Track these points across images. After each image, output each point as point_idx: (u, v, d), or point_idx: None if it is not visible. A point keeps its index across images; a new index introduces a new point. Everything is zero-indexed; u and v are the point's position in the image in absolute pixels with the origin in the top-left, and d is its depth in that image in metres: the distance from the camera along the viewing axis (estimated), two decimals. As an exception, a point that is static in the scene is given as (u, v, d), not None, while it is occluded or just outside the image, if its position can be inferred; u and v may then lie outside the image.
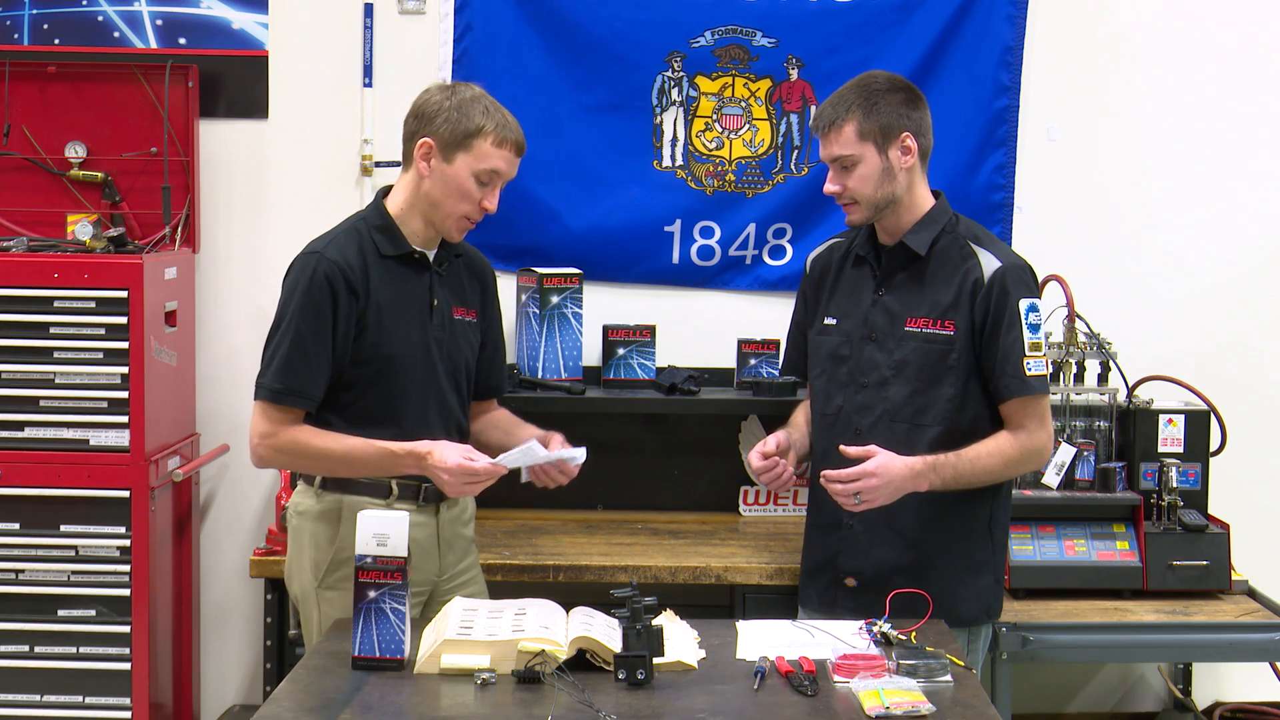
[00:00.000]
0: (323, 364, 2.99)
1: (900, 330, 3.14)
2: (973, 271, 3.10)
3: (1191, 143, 4.45)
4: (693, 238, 4.45)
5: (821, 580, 3.27)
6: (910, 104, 3.12)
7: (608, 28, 4.36)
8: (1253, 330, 4.49)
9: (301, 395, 2.99)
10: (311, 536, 3.10)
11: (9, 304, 3.94)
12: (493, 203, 3.06)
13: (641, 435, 4.39)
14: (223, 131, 4.40)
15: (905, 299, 3.15)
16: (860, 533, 3.18)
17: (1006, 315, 3.07)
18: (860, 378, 3.18)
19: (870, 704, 2.46)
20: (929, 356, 3.11)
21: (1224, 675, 4.51)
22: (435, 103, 3.04)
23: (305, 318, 2.98)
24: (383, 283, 3.03)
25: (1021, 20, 4.37)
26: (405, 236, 3.06)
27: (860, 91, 3.10)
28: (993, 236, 3.23)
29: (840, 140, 3.09)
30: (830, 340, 3.24)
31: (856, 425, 3.17)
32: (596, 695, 2.49)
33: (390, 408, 3.05)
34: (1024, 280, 3.12)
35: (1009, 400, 3.09)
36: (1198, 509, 3.82)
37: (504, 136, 3.02)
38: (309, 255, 3.03)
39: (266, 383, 3.00)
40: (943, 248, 3.13)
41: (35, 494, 3.98)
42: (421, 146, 3.03)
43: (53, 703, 4.02)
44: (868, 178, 3.09)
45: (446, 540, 3.17)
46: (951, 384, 3.11)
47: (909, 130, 3.09)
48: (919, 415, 3.12)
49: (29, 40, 4.36)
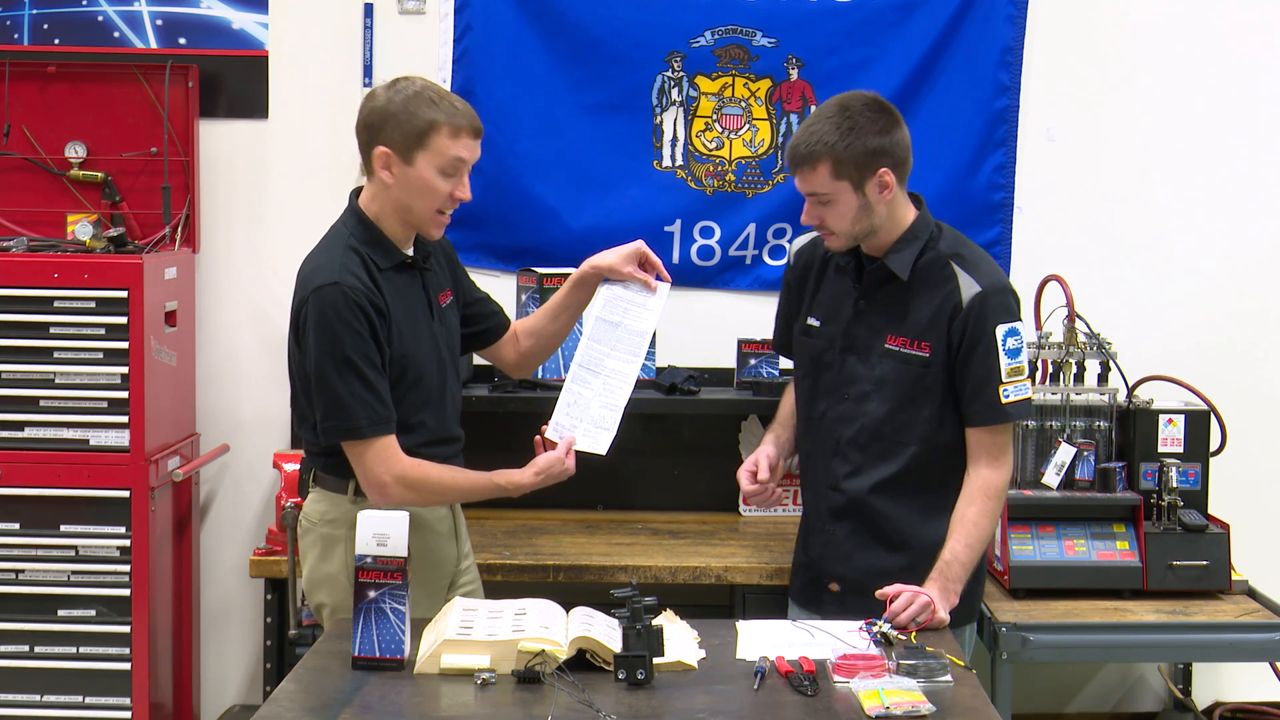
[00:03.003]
0: (384, 386, 2.94)
1: (880, 346, 3.11)
2: (952, 296, 3.04)
3: (1191, 142, 4.45)
4: (693, 238, 4.46)
5: (805, 579, 3.28)
6: (886, 130, 3.00)
7: (608, 28, 4.36)
8: (1253, 330, 4.49)
9: (384, 421, 2.94)
10: (347, 544, 3.01)
11: (9, 304, 3.95)
12: (464, 190, 3.00)
13: (641, 435, 4.39)
14: (223, 131, 4.40)
15: (886, 315, 3.11)
16: (843, 538, 3.18)
17: (982, 342, 3.02)
18: (843, 388, 3.16)
19: (870, 704, 2.46)
20: (906, 376, 3.09)
21: (1224, 675, 4.51)
22: (380, 108, 2.95)
23: (355, 349, 2.90)
24: (393, 296, 3.00)
25: (1021, 20, 4.37)
26: (393, 244, 3.05)
27: (834, 124, 2.98)
28: (975, 251, 3.13)
29: (815, 179, 3.00)
30: (814, 344, 3.22)
31: (838, 435, 3.16)
32: (596, 695, 2.49)
33: (418, 414, 3.04)
34: (1004, 305, 3.06)
35: (980, 428, 3.06)
36: (1198, 509, 3.81)
37: (458, 125, 2.94)
38: (330, 288, 2.91)
39: (345, 425, 2.92)
40: (924, 266, 3.08)
41: (35, 494, 3.98)
42: (379, 156, 2.96)
43: (53, 703, 4.02)
44: (844, 214, 3.02)
45: (459, 529, 3.23)
46: (929, 404, 3.08)
47: (885, 165, 2.99)
48: (899, 433, 3.10)
49: (29, 40, 4.36)
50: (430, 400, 3.07)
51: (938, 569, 3.01)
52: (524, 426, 3.33)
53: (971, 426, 3.07)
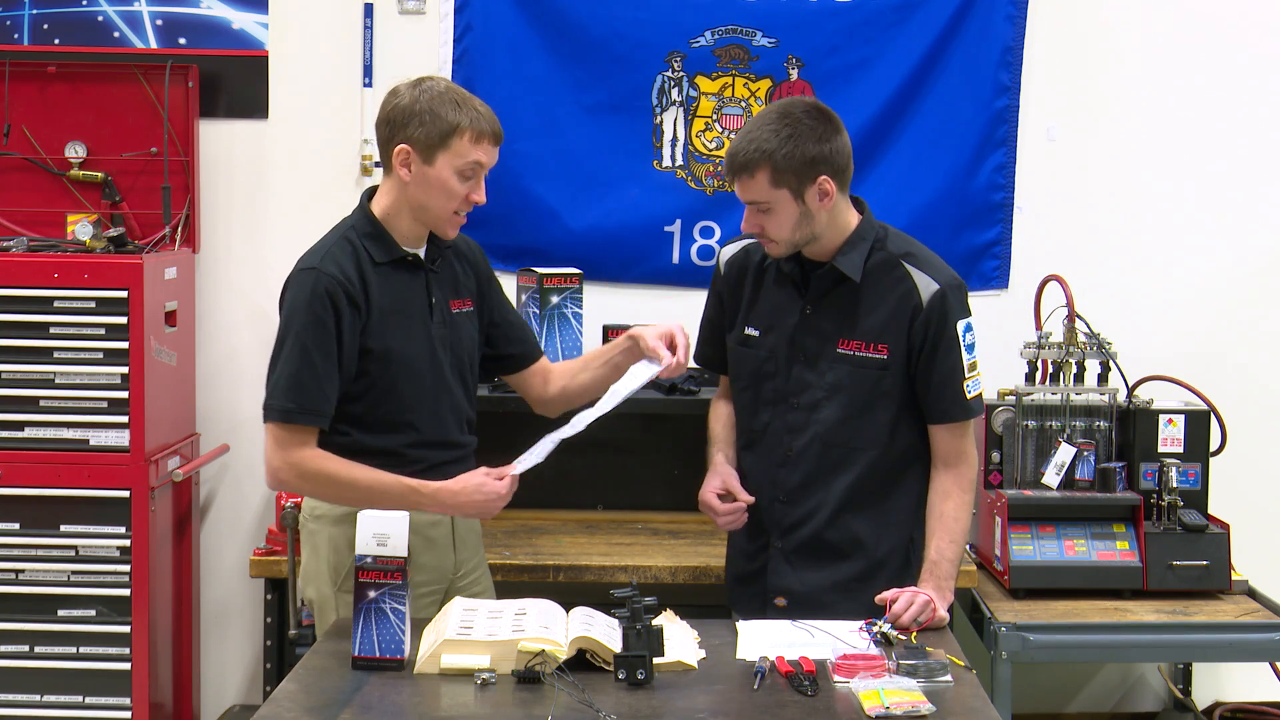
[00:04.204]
0: (331, 380, 2.95)
1: (832, 352, 3.04)
2: (910, 296, 2.99)
3: (1191, 142, 4.45)
4: (693, 238, 4.46)
5: (748, 592, 3.20)
6: (826, 137, 2.93)
7: (608, 28, 4.36)
8: (1253, 330, 4.49)
9: (314, 413, 2.94)
10: (330, 540, 3.06)
11: (9, 304, 3.95)
12: (480, 194, 3.01)
13: (641, 435, 4.39)
14: (223, 131, 4.40)
15: (836, 320, 3.05)
16: (789, 552, 3.11)
17: (945, 339, 2.99)
18: (791, 397, 3.08)
19: (870, 704, 2.46)
20: (862, 380, 3.03)
21: (1224, 675, 4.51)
22: (405, 106, 2.96)
23: (309, 334, 2.93)
24: (381, 290, 3.00)
25: (1021, 20, 4.37)
26: (396, 240, 3.04)
27: (773, 131, 2.91)
28: (923, 249, 3.08)
29: (753, 187, 2.95)
30: (754, 354, 3.14)
31: (787, 446, 3.09)
32: (596, 695, 2.49)
33: (404, 414, 3.02)
34: (961, 301, 3.03)
35: (948, 424, 3.04)
36: (1198, 509, 3.82)
37: (480, 130, 2.96)
38: (306, 272, 2.96)
39: (277, 404, 2.95)
40: (874, 267, 3.03)
41: (35, 494, 3.98)
42: (399, 153, 2.97)
43: (53, 703, 4.02)
44: (784, 223, 2.97)
45: (460, 537, 3.17)
46: (885, 408, 3.04)
47: (825, 173, 2.93)
48: (853, 438, 3.05)
49: (29, 40, 4.36)
50: (421, 401, 3.04)
51: (928, 569, 2.99)
52: (524, 427, 3.32)
53: (938, 424, 3.05)
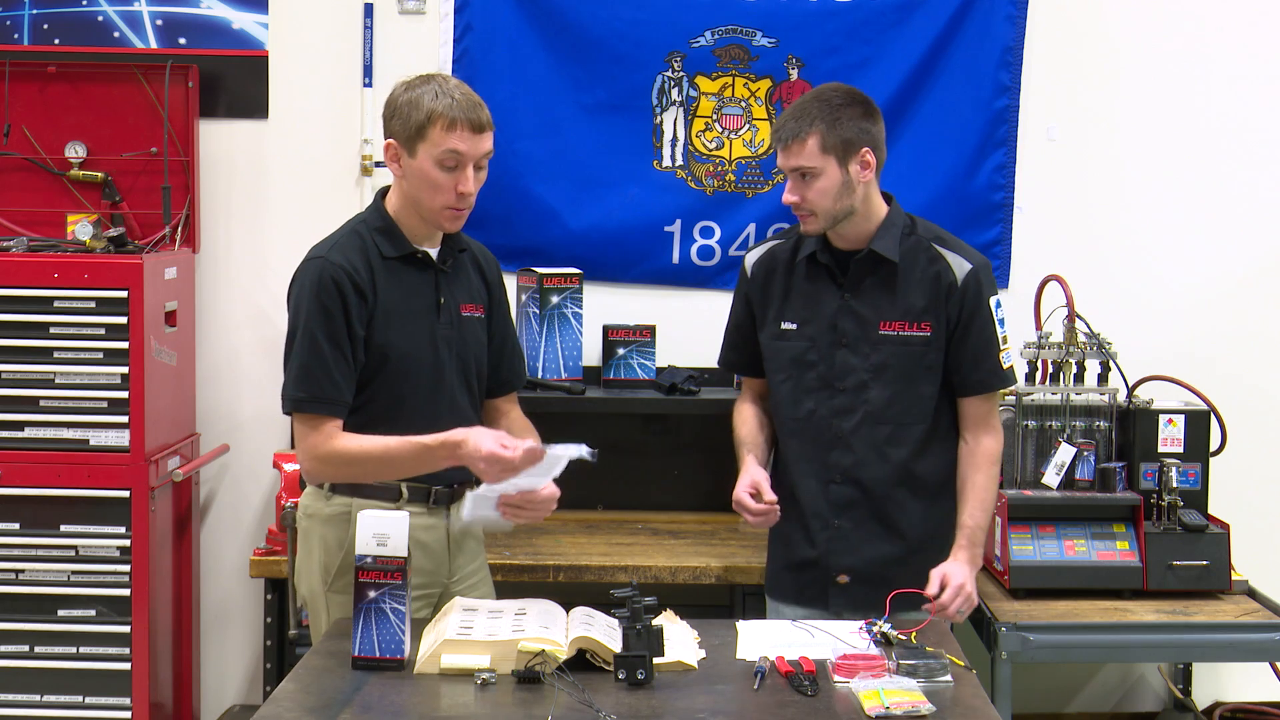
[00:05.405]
0: (342, 367, 2.94)
1: (874, 335, 3.18)
2: (945, 275, 3.16)
3: (1191, 142, 4.45)
4: (693, 238, 4.46)
5: (808, 577, 3.27)
6: (869, 118, 3.13)
7: (607, 28, 4.36)
8: (1253, 330, 4.49)
9: (325, 401, 2.94)
10: (321, 539, 3.07)
11: (9, 304, 3.95)
12: (467, 185, 2.96)
13: (641, 435, 4.39)
14: (223, 131, 4.40)
15: (875, 303, 3.18)
16: (850, 530, 3.21)
17: (980, 314, 3.17)
18: (835, 382, 3.20)
19: (870, 704, 2.46)
20: (907, 359, 3.17)
21: (1224, 675, 4.51)
22: (390, 103, 2.99)
23: (318, 323, 2.93)
24: (388, 284, 3.00)
25: (1021, 20, 4.37)
26: (406, 236, 3.04)
27: (822, 105, 3.10)
28: (951, 235, 3.26)
29: (803, 153, 3.09)
30: (793, 345, 3.25)
31: (837, 428, 3.20)
32: (596, 695, 2.49)
33: (401, 409, 3.02)
34: (990, 279, 3.22)
35: (984, 394, 3.19)
36: (1198, 509, 3.81)
37: (453, 118, 2.92)
38: (313, 261, 2.98)
39: (289, 394, 2.96)
40: (907, 251, 3.18)
41: (35, 494, 3.98)
42: (388, 148, 2.99)
43: (53, 703, 4.02)
44: (827, 191, 3.10)
45: (456, 542, 3.15)
46: (930, 382, 3.18)
47: (868, 145, 3.11)
48: (903, 415, 3.18)
49: (29, 40, 4.36)
50: (421, 400, 3.04)
51: (965, 535, 3.13)
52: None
53: (972, 395, 3.20)
